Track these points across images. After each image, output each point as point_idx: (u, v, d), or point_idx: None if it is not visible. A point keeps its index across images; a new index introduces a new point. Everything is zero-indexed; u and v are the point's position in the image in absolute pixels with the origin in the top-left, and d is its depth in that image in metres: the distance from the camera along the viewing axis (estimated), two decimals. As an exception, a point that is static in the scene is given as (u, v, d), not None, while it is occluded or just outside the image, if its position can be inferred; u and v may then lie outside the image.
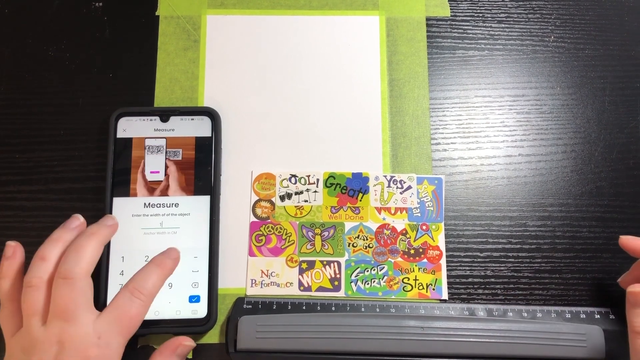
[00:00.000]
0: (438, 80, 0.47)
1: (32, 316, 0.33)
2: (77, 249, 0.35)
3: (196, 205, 0.42)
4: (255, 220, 0.43)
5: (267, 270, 0.42)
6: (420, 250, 0.43)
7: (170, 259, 0.37)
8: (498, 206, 0.44)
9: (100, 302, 0.39)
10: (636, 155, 0.45)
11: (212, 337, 0.41)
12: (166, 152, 0.43)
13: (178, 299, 0.40)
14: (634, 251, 0.38)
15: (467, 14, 0.48)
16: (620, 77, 0.47)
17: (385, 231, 0.43)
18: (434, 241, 0.43)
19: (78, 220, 0.39)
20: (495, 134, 0.46)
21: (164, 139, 0.43)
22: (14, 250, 0.37)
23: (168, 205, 0.42)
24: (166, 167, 0.43)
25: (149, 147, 0.43)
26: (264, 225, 0.43)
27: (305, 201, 0.44)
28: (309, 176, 0.44)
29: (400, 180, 0.44)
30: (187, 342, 0.38)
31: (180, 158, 0.43)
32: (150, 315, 0.39)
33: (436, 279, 0.42)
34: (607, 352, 0.39)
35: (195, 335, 0.41)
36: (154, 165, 0.43)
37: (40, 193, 0.44)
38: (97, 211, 0.43)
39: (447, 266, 0.43)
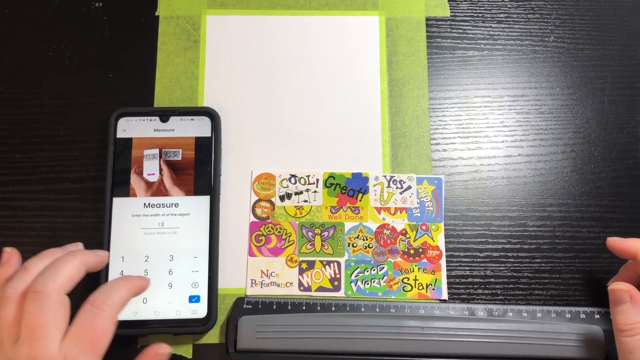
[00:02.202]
0: (438, 81, 0.47)
1: (4, 330, 0.32)
2: (56, 264, 0.33)
3: (196, 205, 0.42)
4: (255, 220, 0.43)
5: (267, 270, 0.42)
6: (420, 250, 0.43)
7: (139, 278, 0.36)
8: (498, 206, 0.44)
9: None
10: (636, 155, 0.45)
11: (212, 337, 0.41)
12: (166, 152, 0.43)
13: (178, 299, 0.40)
14: (621, 252, 0.38)
15: (467, 14, 0.48)
16: (620, 77, 0.47)
17: (385, 231, 0.43)
18: (433, 241, 0.43)
19: (77, 246, 0.38)
20: (494, 134, 0.46)
21: (164, 139, 0.43)
22: (10, 256, 0.35)
23: (168, 205, 0.42)
24: (166, 167, 0.42)
25: (148, 147, 0.43)
26: (263, 225, 0.43)
27: (305, 201, 0.44)
28: (308, 176, 0.44)
29: (400, 181, 0.44)
30: (162, 350, 0.35)
31: (180, 158, 0.43)
32: (150, 316, 0.39)
33: (436, 279, 0.42)
34: (607, 352, 0.39)
35: (195, 335, 0.41)
36: (154, 166, 0.42)
37: (40, 193, 0.44)
38: (97, 211, 0.43)
39: (447, 266, 0.43)
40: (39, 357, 0.30)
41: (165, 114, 0.44)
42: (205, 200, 0.42)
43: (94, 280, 0.38)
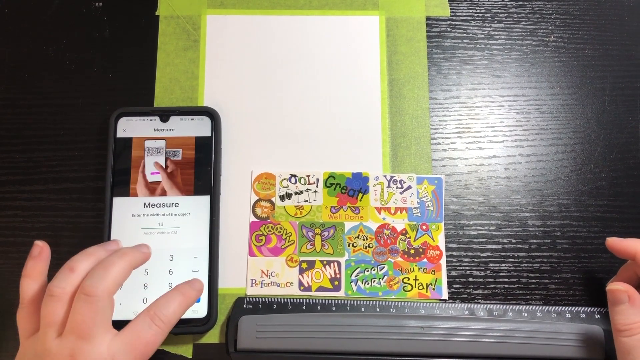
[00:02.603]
0: (438, 80, 0.47)
1: (48, 326, 0.33)
2: (105, 266, 0.34)
3: (196, 205, 0.42)
4: (255, 220, 0.43)
5: (267, 270, 0.42)
6: (420, 250, 0.43)
7: (194, 289, 0.37)
8: (498, 206, 0.44)
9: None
10: (636, 155, 0.45)
11: (212, 337, 0.41)
12: (166, 152, 0.43)
13: (178, 299, 0.40)
14: (620, 252, 0.38)
15: (467, 14, 0.48)
16: (620, 77, 0.47)
17: (385, 231, 0.43)
18: (434, 241, 0.43)
19: (117, 244, 0.38)
20: (495, 134, 0.46)
21: (164, 139, 0.43)
22: (41, 250, 0.36)
23: (168, 205, 0.42)
24: (166, 167, 0.43)
25: (148, 147, 0.43)
26: (264, 225, 0.43)
27: (305, 201, 0.44)
28: (308, 176, 0.44)
29: (400, 180, 0.44)
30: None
31: (180, 158, 0.43)
32: (150, 315, 0.39)
33: (436, 279, 0.42)
34: (607, 352, 0.39)
35: (195, 335, 0.41)
36: (154, 165, 0.42)
37: (40, 193, 0.44)
38: (97, 211, 0.43)
39: (447, 266, 0.43)
40: (86, 353, 0.32)
41: (165, 114, 0.44)
42: (205, 200, 0.42)
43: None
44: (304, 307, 0.41)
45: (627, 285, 0.36)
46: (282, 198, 0.44)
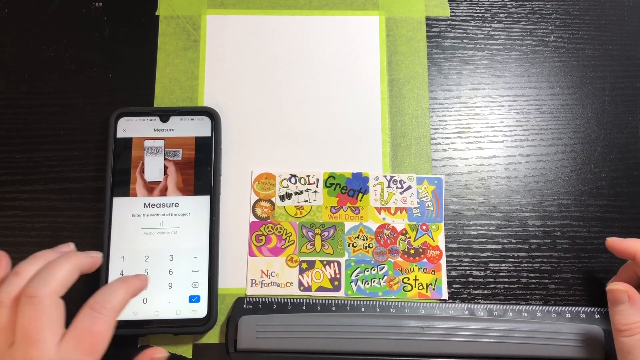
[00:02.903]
0: (438, 80, 0.47)
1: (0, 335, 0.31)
2: (49, 267, 0.33)
3: (196, 205, 0.42)
4: (255, 220, 0.43)
5: (267, 270, 0.42)
6: (420, 250, 0.43)
7: (138, 279, 0.36)
8: (498, 206, 0.44)
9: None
10: (636, 155, 0.45)
11: (212, 337, 0.41)
12: (166, 152, 0.43)
13: (178, 299, 0.40)
14: (620, 252, 0.38)
15: (467, 14, 0.48)
16: (620, 77, 0.47)
17: (385, 231, 0.43)
18: (433, 241, 0.43)
19: (68, 246, 0.37)
20: (495, 134, 0.46)
21: (164, 139, 0.43)
22: None
23: (168, 205, 0.42)
24: (166, 167, 0.43)
25: (148, 147, 0.43)
26: (264, 225, 0.43)
27: (305, 201, 0.44)
28: (308, 176, 0.44)
29: (400, 180, 0.44)
30: (158, 355, 0.35)
31: (180, 158, 0.43)
32: (150, 315, 0.39)
33: (436, 279, 0.42)
34: (607, 352, 0.39)
35: (195, 335, 0.41)
36: (154, 165, 0.42)
37: (40, 193, 0.44)
38: (97, 211, 0.43)
39: (447, 266, 0.43)
40: None
41: (165, 114, 0.44)
42: (205, 200, 0.42)
43: (94, 279, 0.38)
44: (304, 307, 0.41)
45: (627, 285, 0.36)
46: (282, 198, 0.44)
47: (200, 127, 0.43)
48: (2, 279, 0.34)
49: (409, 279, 0.42)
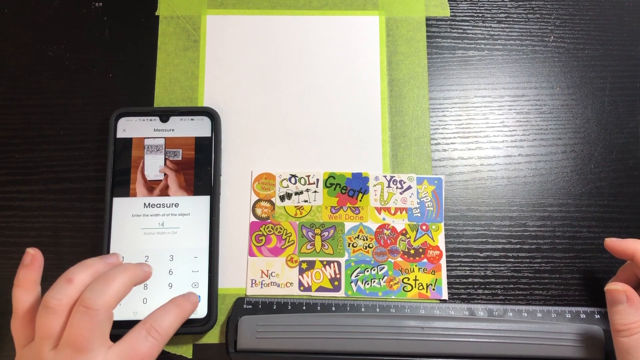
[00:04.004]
0: (438, 81, 0.47)
1: (44, 338, 0.32)
2: (106, 279, 0.33)
3: (196, 205, 0.42)
4: (255, 220, 0.43)
5: (267, 270, 0.42)
6: (420, 250, 0.43)
7: (189, 302, 0.37)
8: (498, 206, 0.44)
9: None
10: (636, 155, 0.45)
11: (212, 337, 0.41)
12: (166, 152, 0.43)
13: (178, 299, 0.40)
14: (619, 253, 0.38)
15: (467, 14, 0.48)
16: (620, 77, 0.47)
17: (385, 231, 0.43)
18: (433, 241, 0.43)
19: (116, 257, 0.37)
20: (495, 134, 0.46)
21: (164, 139, 0.43)
22: (33, 258, 0.35)
23: (168, 205, 0.42)
24: (166, 167, 0.42)
25: (148, 147, 0.43)
26: (264, 225, 0.43)
27: (305, 201, 0.44)
28: (308, 176, 0.44)
29: (400, 181, 0.44)
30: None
31: (180, 158, 0.43)
32: (150, 315, 0.39)
33: (436, 279, 0.42)
34: (607, 352, 0.39)
35: (195, 335, 0.41)
36: (154, 166, 0.42)
37: (40, 193, 0.44)
38: (97, 211, 0.43)
39: (447, 266, 0.43)
40: None
41: (165, 114, 0.44)
42: (205, 200, 0.42)
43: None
44: (304, 308, 0.41)
45: (625, 286, 0.36)
46: (282, 198, 0.44)
47: (200, 127, 0.43)
48: (36, 277, 0.35)
49: (409, 279, 0.42)
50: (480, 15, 0.48)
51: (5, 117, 0.45)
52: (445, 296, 0.42)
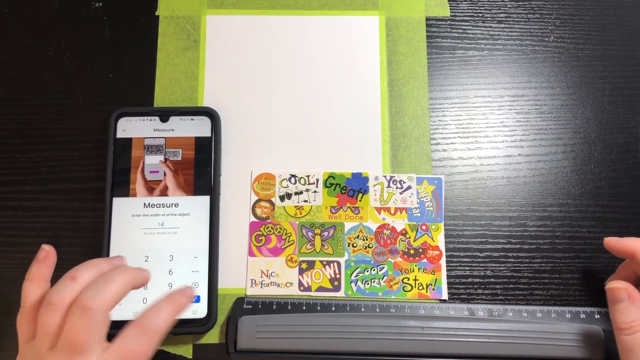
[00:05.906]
0: (438, 80, 0.47)
1: (44, 336, 0.32)
2: (105, 279, 0.33)
3: (196, 205, 0.42)
4: (255, 220, 0.43)
5: (267, 270, 0.42)
6: (420, 250, 0.43)
7: (184, 296, 0.36)
8: (498, 206, 0.44)
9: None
10: (636, 155, 0.45)
11: (212, 337, 0.41)
12: (166, 152, 0.43)
13: (178, 299, 0.40)
14: (618, 252, 0.38)
15: (467, 14, 0.48)
16: (620, 77, 0.47)
17: (385, 231, 0.43)
18: (433, 241, 0.43)
19: (121, 260, 0.37)
20: (494, 134, 0.46)
21: (164, 139, 0.43)
22: (47, 254, 0.35)
23: (168, 205, 0.42)
24: (166, 167, 0.42)
25: (148, 147, 0.43)
26: (263, 226, 0.43)
27: (305, 201, 0.44)
28: (308, 176, 0.44)
29: (400, 181, 0.44)
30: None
31: (180, 158, 0.43)
32: (150, 315, 0.39)
33: (436, 279, 0.42)
34: (607, 352, 0.39)
35: (195, 335, 0.41)
36: (154, 166, 0.43)
37: (40, 193, 0.44)
38: (97, 211, 0.43)
39: (447, 266, 0.43)
40: None
41: (165, 114, 0.44)
42: (205, 200, 0.42)
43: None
44: (304, 308, 0.41)
45: (626, 283, 0.36)
46: (282, 198, 0.44)
47: (200, 127, 0.43)
48: (48, 273, 0.35)
49: (408, 279, 0.42)
50: (480, 15, 0.48)
51: (5, 117, 0.45)
52: (445, 296, 0.42)
